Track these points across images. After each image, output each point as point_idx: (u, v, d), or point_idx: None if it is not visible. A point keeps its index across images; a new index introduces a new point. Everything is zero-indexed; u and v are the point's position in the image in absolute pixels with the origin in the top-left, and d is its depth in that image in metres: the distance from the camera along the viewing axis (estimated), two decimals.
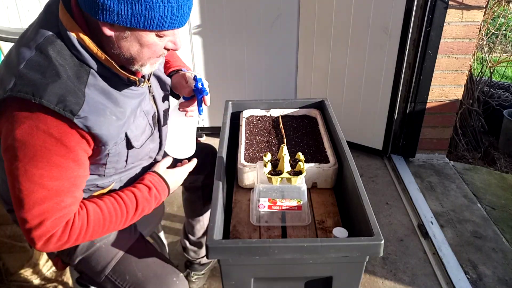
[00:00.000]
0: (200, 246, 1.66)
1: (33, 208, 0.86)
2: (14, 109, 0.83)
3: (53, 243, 0.90)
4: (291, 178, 1.09)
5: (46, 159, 0.85)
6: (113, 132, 0.93)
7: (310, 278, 0.98)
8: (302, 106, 1.60)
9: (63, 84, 0.83)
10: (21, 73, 0.82)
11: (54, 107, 0.81)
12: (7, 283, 1.64)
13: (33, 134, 0.83)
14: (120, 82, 0.95)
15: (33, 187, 0.85)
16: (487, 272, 1.79)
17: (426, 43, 2.26)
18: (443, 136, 2.57)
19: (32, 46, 0.85)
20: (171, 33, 0.91)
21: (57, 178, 0.87)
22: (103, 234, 0.99)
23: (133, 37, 0.87)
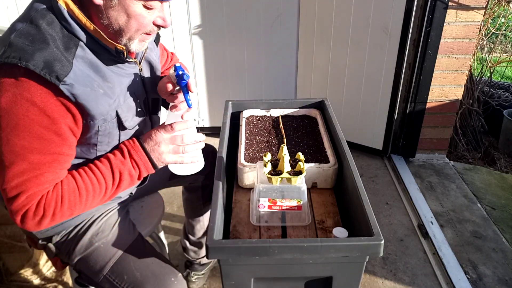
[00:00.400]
0: (200, 246, 1.67)
1: (12, 180, 0.85)
2: (1, 75, 0.84)
3: (30, 218, 0.89)
4: (291, 178, 1.09)
5: (28, 130, 0.84)
6: (100, 106, 0.92)
7: (310, 278, 0.98)
8: (302, 106, 1.60)
9: (51, 51, 0.84)
10: (11, 41, 0.84)
11: (40, 71, 0.82)
12: (7, 283, 1.64)
13: (17, 102, 0.83)
14: (108, 57, 0.95)
15: (14, 158, 0.85)
16: (487, 272, 1.79)
17: (426, 43, 2.26)
18: (443, 136, 2.57)
19: (25, 18, 0.88)
20: (159, 6, 0.92)
21: (39, 151, 0.86)
22: (84, 206, 0.94)
23: (120, 6, 0.88)
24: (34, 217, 0.89)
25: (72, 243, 1.11)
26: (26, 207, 0.87)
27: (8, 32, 0.88)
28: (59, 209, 0.90)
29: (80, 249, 1.10)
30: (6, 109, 0.83)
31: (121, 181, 0.98)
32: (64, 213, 0.92)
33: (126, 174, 0.98)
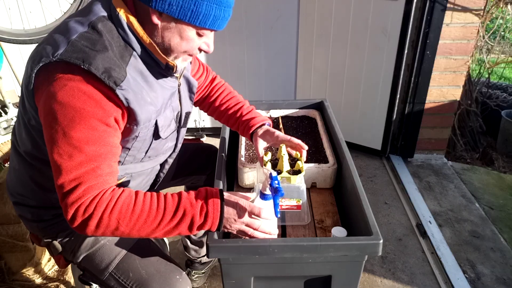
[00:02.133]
0: (201, 245, 1.68)
1: (70, 173, 0.86)
2: (59, 72, 0.86)
3: (80, 215, 0.87)
4: (291, 177, 1.10)
5: (85, 122, 0.86)
6: (146, 113, 0.97)
7: (309, 277, 0.99)
8: (301, 107, 1.61)
9: (110, 57, 0.89)
10: (73, 42, 0.87)
11: (100, 74, 0.86)
12: (9, 282, 1.65)
13: (74, 95, 0.86)
14: (157, 69, 1.01)
15: (72, 150, 0.86)
16: (485, 271, 1.81)
17: (424, 44, 2.27)
18: (442, 136, 2.59)
19: (84, 22, 0.91)
20: (209, 34, 0.99)
21: (95, 142, 0.88)
22: (132, 225, 0.89)
23: (176, 29, 0.94)
24: (84, 214, 0.87)
25: (77, 241, 1.12)
26: (82, 199, 0.86)
27: (66, 31, 0.90)
28: (108, 214, 0.87)
29: (85, 247, 1.11)
30: (63, 103, 0.85)
31: (182, 222, 0.91)
32: (110, 222, 0.88)
33: (189, 216, 0.91)
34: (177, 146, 1.24)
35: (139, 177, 1.18)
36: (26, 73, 0.94)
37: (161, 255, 1.14)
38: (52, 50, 0.87)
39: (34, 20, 2.45)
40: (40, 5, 2.45)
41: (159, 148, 1.14)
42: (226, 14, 0.96)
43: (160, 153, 1.18)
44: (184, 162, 1.45)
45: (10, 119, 1.98)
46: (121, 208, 0.89)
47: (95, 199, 0.87)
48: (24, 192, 1.10)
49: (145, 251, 1.12)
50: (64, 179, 0.86)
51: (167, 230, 0.91)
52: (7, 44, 2.04)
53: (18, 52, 2.54)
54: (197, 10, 0.90)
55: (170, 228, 0.91)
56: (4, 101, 1.99)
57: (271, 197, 0.96)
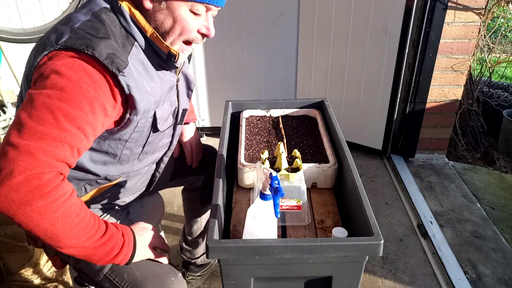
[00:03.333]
0: (196, 246, 1.67)
1: (33, 135, 0.80)
2: (63, 56, 0.86)
3: (29, 189, 0.79)
4: (289, 174, 1.10)
5: (73, 95, 0.84)
6: (146, 102, 0.96)
7: (310, 278, 0.98)
8: (302, 106, 1.60)
9: (113, 45, 0.90)
10: (76, 29, 0.88)
11: (103, 60, 0.86)
12: (8, 283, 1.64)
13: (74, 68, 0.85)
14: (157, 61, 1.01)
15: (46, 115, 0.81)
16: (486, 272, 1.80)
17: (425, 43, 2.26)
18: (443, 136, 2.58)
19: (87, 12, 0.93)
20: (204, 13, 0.97)
21: (72, 119, 0.84)
22: (66, 224, 0.84)
23: (168, 10, 0.93)
24: (33, 191, 0.79)
25: None
26: (37, 170, 0.79)
27: (69, 20, 0.91)
28: (51, 200, 0.81)
29: None
30: (60, 72, 0.84)
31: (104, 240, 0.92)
32: (51, 205, 0.81)
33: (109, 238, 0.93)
34: (172, 143, 1.23)
35: (135, 177, 1.17)
36: (29, 63, 0.93)
37: None
38: (56, 38, 0.88)
39: (33, 19, 2.45)
40: (39, 4, 2.44)
41: (155, 143, 1.13)
42: None
43: (156, 150, 1.17)
44: (182, 162, 1.44)
45: (9, 119, 1.97)
46: (70, 206, 0.84)
47: (53, 180, 0.81)
48: None
49: None
50: (23, 137, 0.79)
51: (93, 239, 0.89)
52: (6, 44, 2.03)
53: (17, 51, 2.53)
54: None
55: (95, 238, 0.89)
56: (3, 100, 1.99)
57: (271, 197, 0.95)
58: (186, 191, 1.61)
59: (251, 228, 0.99)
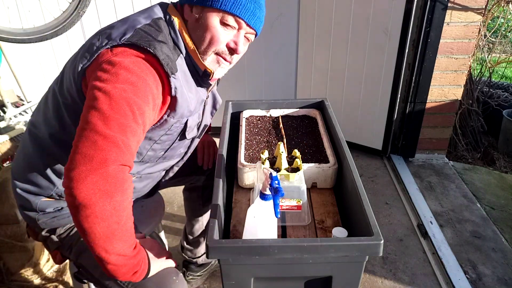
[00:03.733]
0: (197, 245, 1.67)
1: (109, 124, 0.84)
2: (125, 51, 0.92)
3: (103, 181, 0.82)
4: (289, 174, 1.10)
5: (144, 91, 0.90)
6: (184, 107, 1.03)
7: (310, 278, 0.98)
8: (302, 106, 1.60)
9: (169, 50, 0.98)
10: (139, 30, 0.96)
11: (162, 59, 0.93)
12: (8, 283, 1.64)
13: (140, 66, 0.92)
14: (195, 76, 1.08)
15: (125, 110, 0.86)
16: (486, 272, 1.80)
17: (425, 43, 2.26)
18: (443, 136, 2.58)
19: (147, 17, 1.01)
20: (233, 25, 1.01)
21: (142, 118, 0.90)
22: (125, 226, 0.88)
23: (202, 20, 1.01)
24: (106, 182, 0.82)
25: (75, 237, 1.12)
26: (112, 164, 0.82)
27: (131, 22, 0.98)
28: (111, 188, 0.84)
29: (83, 244, 1.10)
30: (128, 68, 0.90)
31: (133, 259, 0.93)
32: (123, 202, 0.85)
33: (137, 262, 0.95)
34: (186, 154, 1.28)
35: (146, 180, 1.21)
36: (79, 55, 0.97)
37: None
38: (119, 35, 0.94)
39: (33, 19, 2.45)
40: (39, 4, 2.44)
41: (175, 151, 1.19)
42: (249, 4, 1.00)
43: (172, 157, 1.22)
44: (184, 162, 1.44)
45: (9, 119, 1.97)
46: (122, 199, 0.86)
47: (123, 172, 0.85)
48: (30, 177, 1.09)
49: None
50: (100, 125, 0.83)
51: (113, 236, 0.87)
52: (6, 44, 2.03)
53: (17, 51, 2.53)
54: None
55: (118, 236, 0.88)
56: (3, 100, 1.99)
57: (271, 197, 0.95)
58: (187, 190, 1.61)
59: (251, 228, 0.99)
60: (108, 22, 2.74)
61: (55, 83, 1.07)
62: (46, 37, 2.02)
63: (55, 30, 2.01)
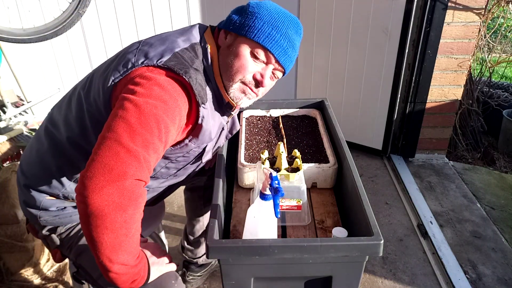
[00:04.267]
0: (197, 245, 1.67)
1: (133, 138, 0.84)
2: (160, 73, 0.93)
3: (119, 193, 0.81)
4: (289, 174, 1.10)
5: (167, 107, 0.90)
6: (206, 135, 1.05)
7: (309, 278, 0.98)
8: (302, 106, 1.60)
9: (201, 78, 1.00)
10: (177, 54, 0.97)
11: (195, 88, 0.95)
12: (8, 283, 1.64)
13: (174, 86, 0.93)
14: (218, 104, 1.09)
15: (152, 126, 0.87)
16: (486, 272, 1.80)
17: (425, 43, 2.26)
18: (443, 136, 2.58)
19: (186, 41, 1.02)
20: (263, 59, 1.03)
21: (166, 136, 0.91)
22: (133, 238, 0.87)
23: (233, 47, 1.03)
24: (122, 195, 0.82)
25: (75, 237, 1.12)
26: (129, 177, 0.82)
27: (171, 43, 0.99)
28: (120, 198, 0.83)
29: (83, 243, 1.11)
30: (162, 85, 0.91)
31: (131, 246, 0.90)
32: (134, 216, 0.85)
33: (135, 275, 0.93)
34: (194, 171, 1.29)
35: (152, 193, 1.22)
36: (111, 67, 0.98)
37: None
38: (157, 56, 0.94)
39: (33, 19, 2.45)
40: (39, 4, 2.44)
41: (187, 170, 1.21)
42: (283, 41, 1.03)
43: (182, 175, 1.24)
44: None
45: (9, 119, 1.97)
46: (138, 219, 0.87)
47: (139, 185, 0.85)
48: (40, 174, 1.09)
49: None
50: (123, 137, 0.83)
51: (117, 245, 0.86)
52: (6, 44, 2.03)
53: (17, 51, 2.53)
54: (253, 25, 1.01)
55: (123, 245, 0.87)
56: (3, 100, 1.99)
57: (271, 197, 0.95)
58: (188, 190, 1.61)
59: (251, 228, 0.99)
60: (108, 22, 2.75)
61: (81, 88, 1.06)
62: (46, 37, 2.02)
63: (55, 30, 2.01)
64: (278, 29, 1.02)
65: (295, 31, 1.08)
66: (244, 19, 1.02)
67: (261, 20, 1.01)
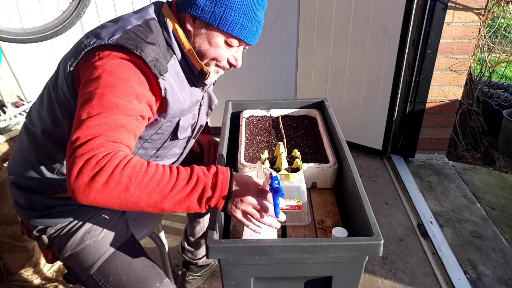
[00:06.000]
0: (198, 247, 1.67)
1: (91, 128, 0.85)
2: (112, 52, 0.93)
3: (89, 168, 0.80)
4: (289, 174, 1.10)
5: (125, 91, 0.90)
6: (175, 108, 1.04)
7: (309, 278, 0.98)
8: (302, 106, 1.60)
9: (157, 51, 0.98)
10: (128, 31, 0.96)
11: (149, 61, 0.93)
12: (8, 283, 1.64)
13: (123, 67, 0.92)
14: (190, 76, 1.10)
15: (102, 110, 0.87)
16: (486, 272, 1.80)
17: (425, 43, 2.26)
18: (443, 136, 2.58)
19: (139, 18, 1.02)
20: (236, 46, 1.06)
21: (126, 113, 0.90)
22: (144, 187, 0.82)
23: (206, 35, 1.03)
24: (95, 166, 0.80)
25: (64, 238, 1.12)
26: (95, 151, 0.81)
27: (122, 22, 0.99)
28: (120, 170, 0.81)
29: (71, 245, 1.11)
30: (110, 71, 0.90)
31: (194, 190, 0.85)
32: (122, 179, 0.81)
33: (201, 185, 0.86)
34: (182, 155, 1.28)
35: None
36: (69, 53, 0.99)
37: (145, 260, 1.13)
38: (108, 35, 0.94)
39: (33, 19, 2.45)
40: (39, 4, 2.44)
41: (168, 150, 1.19)
42: (253, 27, 1.03)
43: (166, 157, 1.21)
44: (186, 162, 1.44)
45: (9, 119, 1.97)
46: (134, 165, 0.83)
47: (109, 154, 0.82)
48: (24, 171, 1.10)
49: (129, 255, 1.12)
50: (82, 132, 0.84)
51: (178, 199, 0.84)
52: (6, 44, 2.03)
53: (17, 51, 2.53)
54: (226, 16, 0.99)
55: (182, 197, 0.84)
56: (3, 100, 1.99)
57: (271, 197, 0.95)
58: None
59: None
60: None
61: (50, 80, 1.08)
62: (46, 37, 2.02)
63: (55, 30, 2.01)
64: (248, 16, 1.01)
65: (261, 8, 1.06)
66: (212, 7, 0.99)
67: (232, 9, 0.99)
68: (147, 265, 1.12)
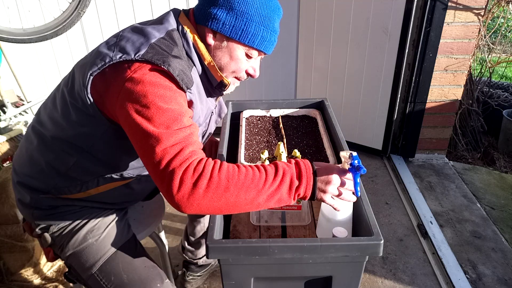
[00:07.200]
0: (198, 247, 1.67)
1: (171, 138, 0.86)
2: (141, 67, 0.93)
3: (189, 176, 0.83)
4: None
5: (175, 97, 0.93)
6: (195, 118, 1.06)
7: (310, 278, 0.98)
8: (302, 106, 1.60)
9: (183, 64, 0.99)
10: (153, 45, 0.96)
11: (176, 75, 0.94)
12: (8, 283, 1.64)
13: (160, 78, 0.93)
14: (207, 87, 1.12)
15: (168, 120, 0.88)
16: (486, 272, 1.80)
17: (425, 43, 2.26)
18: (443, 136, 2.58)
19: (161, 29, 1.01)
20: (255, 57, 1.09)
21: (186, 114, 0.93)
22: (240, 183, 0.86)
23: (227, 49, 1.05)
24: (194, 173, 0.83)
25: (67, 237, 1.12)
26: (190, 159, 0.85)
27: (144, 35, 0.98)
28: (217, 172, 0.85)
29: (73, 244, 1.11)
30: (152, 82, 0.91)
31: (282, 182, 0.89)
32: (221, 181, 0.84)
33: (288, 176, 0.89)
34: None
35: (145, 183, 1.20)
36: (89, 62, 0.98)
37: (146, 260, 1.14)
38: (134, 50, 0.94)
39: (33, 19, 2.45)
40: (39, 4, 2.44)
41: None
42: (272, 37, 1.07)
43: None
44: None
45: (9, 119, 1.97)
46: (227, 167, 0.87)
47: (202, 160, 0.86)
48: (31, 171, 1.10)
49: (130, 255, 1.12)
50: (165, 145, 0.85)
51: (270, 192, 0.87)
52: (6, 44, 2.03)
53: (17, 51, 2.53)
54: (247, 30, 1.02)
55: (273, 190, 0.87)
56: (3, 100, 1.99)
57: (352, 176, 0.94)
58: None
59: (327, 207, 0.99)
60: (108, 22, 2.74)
61: (64, 85, 1.06)
62: (46, 37, 2.02)
63: (55, 30, 2.01)
64: (268, 27, 1.05)
65: (278, 18, 1.10)
66: (233, 21, 1.01)
67: (252, 22, 1.02)
68: (149, 266, 1.12)
